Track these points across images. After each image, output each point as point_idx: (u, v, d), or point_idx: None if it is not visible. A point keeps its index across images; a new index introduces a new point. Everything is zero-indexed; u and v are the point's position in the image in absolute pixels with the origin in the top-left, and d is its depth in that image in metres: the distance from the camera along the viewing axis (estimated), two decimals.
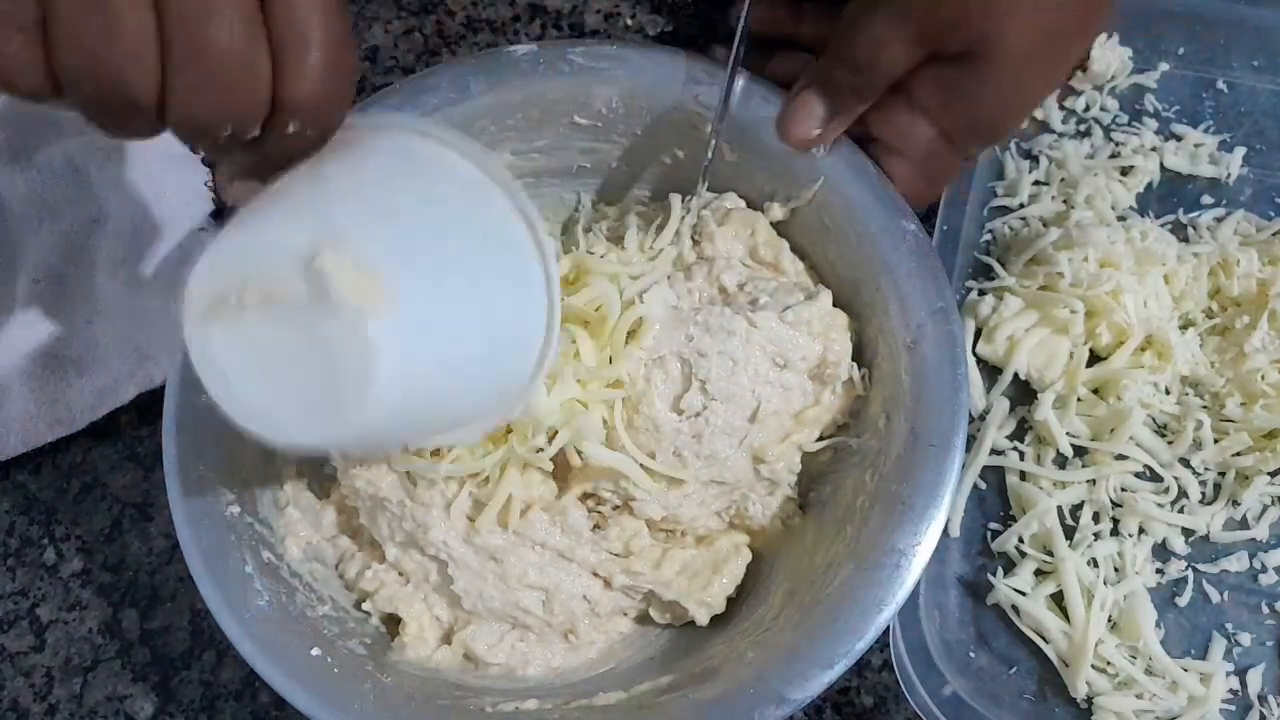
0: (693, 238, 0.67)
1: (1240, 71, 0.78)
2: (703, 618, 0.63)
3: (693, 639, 0.64)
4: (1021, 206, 0.74)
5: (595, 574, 0.63)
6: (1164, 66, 0.79)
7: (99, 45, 0.39)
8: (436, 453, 0.61)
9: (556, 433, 0.60)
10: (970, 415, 0.69)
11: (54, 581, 0.73)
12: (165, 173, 0.77)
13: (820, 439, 0.65)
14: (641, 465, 0.61)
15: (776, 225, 0.68)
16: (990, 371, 0.71)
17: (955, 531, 0.67)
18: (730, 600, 0.64)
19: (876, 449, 0.62)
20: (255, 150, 0.44)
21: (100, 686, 0.71)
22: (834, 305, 0.64)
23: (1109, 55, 0.78)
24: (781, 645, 0.58)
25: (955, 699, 0.62)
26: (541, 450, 0.60)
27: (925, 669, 0.62)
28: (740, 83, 0.65)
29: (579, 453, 0.61)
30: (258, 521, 0.62)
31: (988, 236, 0.74)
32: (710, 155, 0.65)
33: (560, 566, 0.63)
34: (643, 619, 0.66)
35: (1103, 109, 0.78)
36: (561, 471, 0.63)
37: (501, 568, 0.61)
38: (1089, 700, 0.63)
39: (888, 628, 0.62)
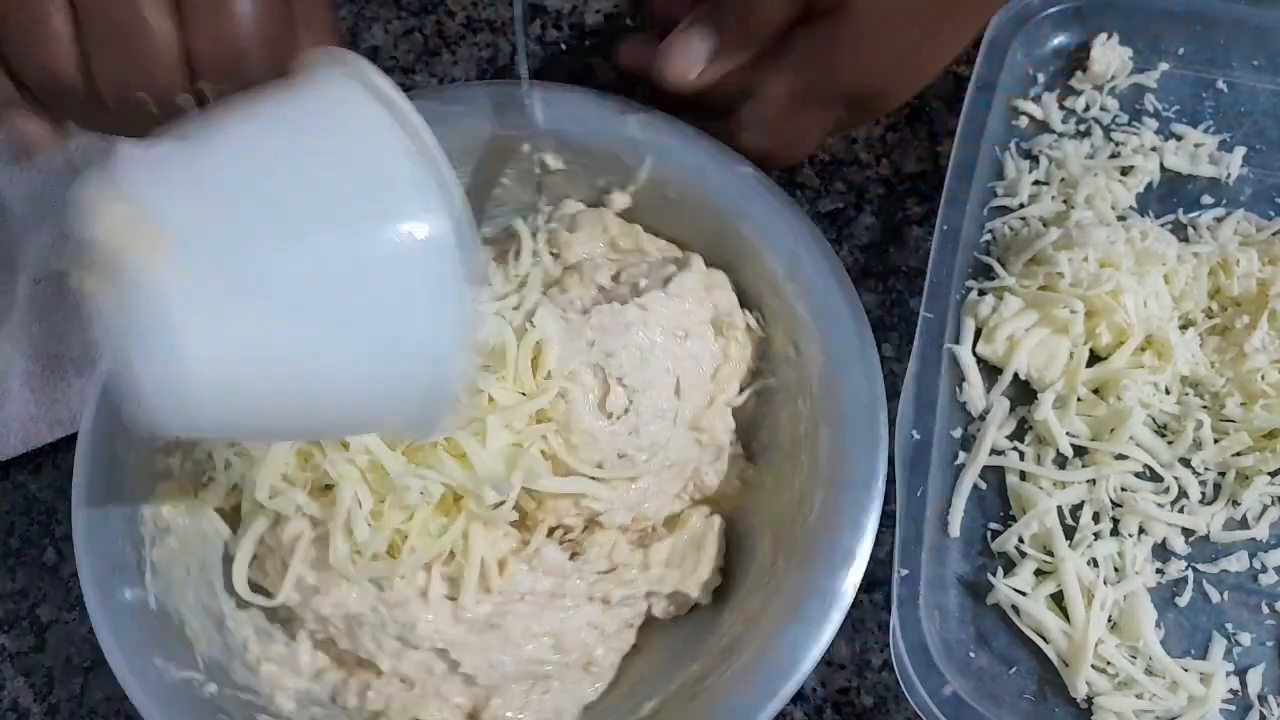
0: (551, 253, 0.68)
1: (1240, 71, 0.78)
2: (705, 597, 0.64)
3: (704, 621, 0.64)
4: (1021, 206, 0.74)
5: (591, 598, 0.63)
6: (1164, 66, 0.78)
7: (28, 35, 0.43)
8: (391, 550, 0.61)
9: None
10: (970, 414, 0.69)
11: (54, 581, 0.73)
12: None
13: (741, 391, 0.66)
14: (594, 479, 0.62)
15: (624, 213, 0.70)
16: (990, 371, 0.71)
17: (955, 531, 0.67)
18: (723, 571, 0.65)
19: (797, 379, 0.64)
20: None
21: (100, 686, 0.71)
22: (707, 265, 0.67)
23: (1109, 55, 0.78)
24: (790, 588, 0.59)
25: (955, 699, 0.61)
26: (501, 504, 0.60)
27: (925, 669, 0.62)
28: (540, 94, 0.67)
29: (529, 493, 0.61)
30: (239, 691, 0.61)
31: (988, 236, 0.73)
32: (537, 170, 0.68)
33: (556, 606, 0.63)
34: (650, 622, 0.66)
35: (1103, 109, 0.78)
36: (520, 517, 0.63)
37: (502, 632, 0.61)
38: (1089, 700, 0.63)
39: (891, 625, 0.62)
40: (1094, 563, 0.66)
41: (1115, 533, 0.67)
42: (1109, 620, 0.64)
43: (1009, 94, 0.77)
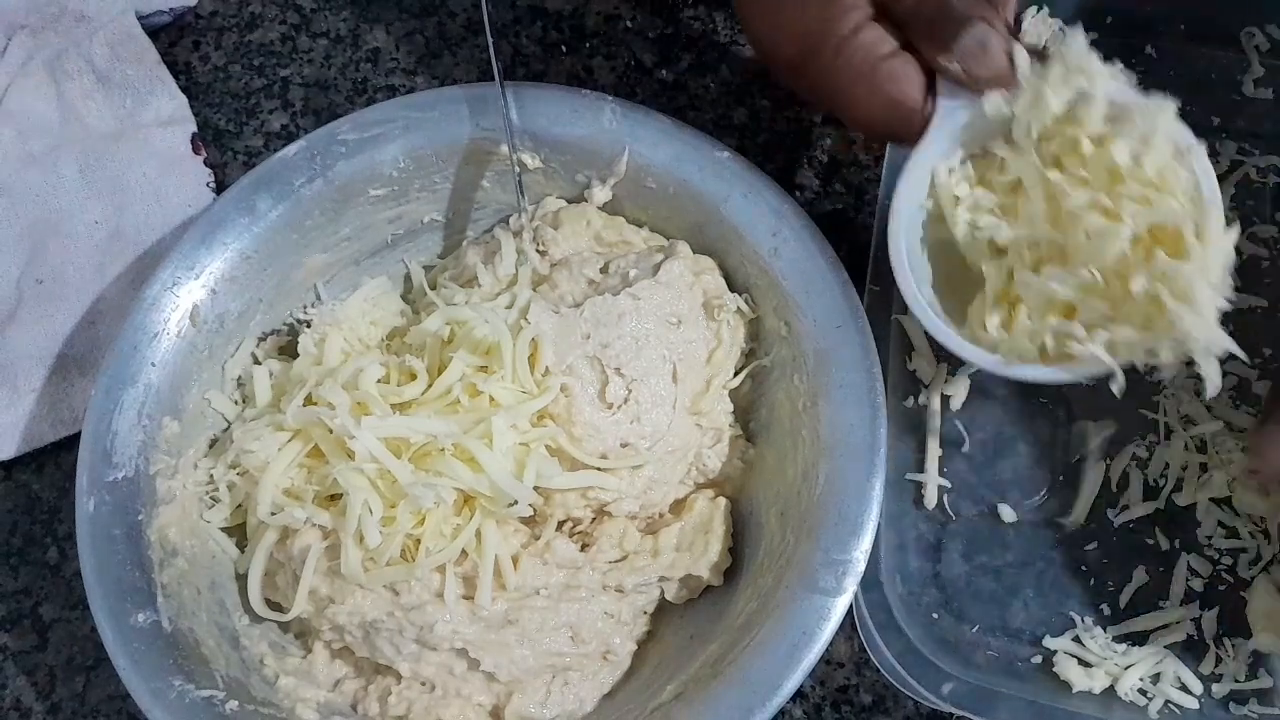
0: (538, 250, 0.69)
1: (1168, 39, 0.77)
2: (717, 578, 0.65)
3: (718, 602, 0.65)
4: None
5: (604, 587, 0.64)
6: (1093, 35, 0.78)
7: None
8: (403, 554, 0.61)
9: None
10: (921, 382, 0.70)
11: (56, 580, 0.72)
12: (166, 173, 0.78)
13: (736, 373, 0.68)
14: (600, 470, 0.62)
15: (606, 206, 0.71)
16: None
17: (931, 503, 0.68)
18: (731, 551, 0.66)
19: (791, 356, 0.65)
20: None
21: (102, 685, 0.70)
22: (693, 251, 0.68)
23: (1039, 27, 0.77)
24: (802, 561, 0.60)
25: (918, 655, 0.63)
26: (515, 504, 0.60)
27: (889, 630, 0.64)
28: (511, 92, 0.68)
29: (538, 488, 0.62)
30: (260, 706, 0.61)
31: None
32: (516, 170, 0.68)
33: (571, 597, 0.63)
34: (664, 607, 0.67)
35: None
36: (530, 512, 0.63)
37: (519, 627, 0.62)
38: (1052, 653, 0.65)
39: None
40: None
41: None
42: None
43: None
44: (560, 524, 0.64)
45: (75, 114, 0.79)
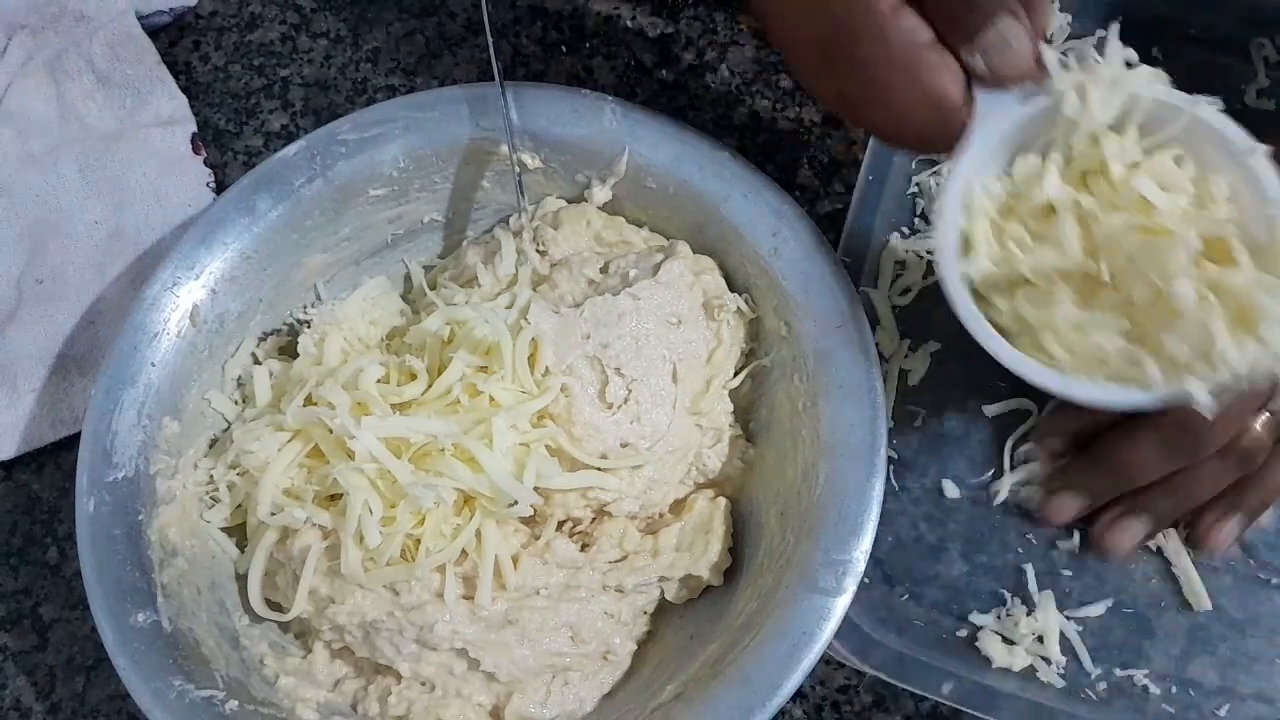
0: (538, 250, 0.69)
1: (1175, 42, 0.77)
2: (717, 578, 0.65)
3: (718, 602, 0.65)
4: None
5: (604, 587, 0.64)
6: (1100, 32, 0.77)
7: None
8: (404, 554, 0.61)
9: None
10: (883, 356, 0.69)
11: (56, 580, 0.72)
12: (166, 173, 0.78)
13: (736, 373, 0.68)
14: (600, 470, 0.63)
15: (606, 207, 0.71)
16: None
17: None
18: (731, 551, 0.66)
19: (791, 356, 0.65)
20: None
21: (102, 685, 0.70)
22: (693, 251, 0.68)
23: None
24: (802, 561, 0.60)
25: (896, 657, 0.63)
26: (515, 504, 0.60)
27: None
28: (511, 92, 0.68)
29: (538, 488, 0.61)
30: (260, 706, 0.61)
31: (914, 189, 0.73)
32: (516, 169, 0.69)
33: (570, 598, 0.63)
34: (664, 607, 0.67)
35: None
36: (530, 512, 0.63)
37: (519, 627, 0.62)
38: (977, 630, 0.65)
39: None
40: None
41: None
42: None
43: None
44: (560, 524, 0.64)
45: (75, 114, 0.79)
